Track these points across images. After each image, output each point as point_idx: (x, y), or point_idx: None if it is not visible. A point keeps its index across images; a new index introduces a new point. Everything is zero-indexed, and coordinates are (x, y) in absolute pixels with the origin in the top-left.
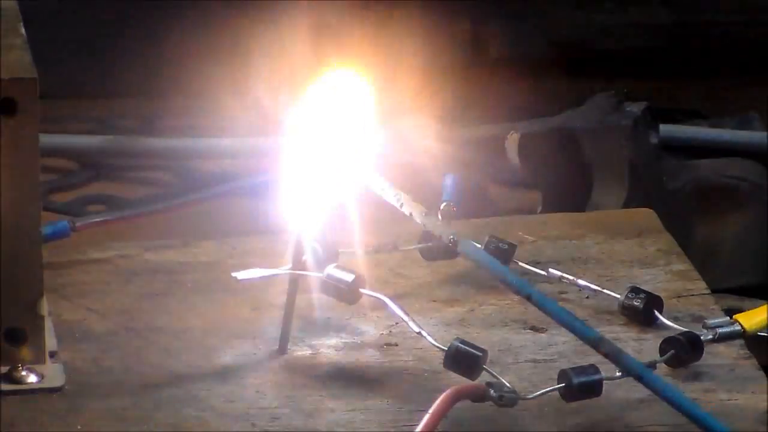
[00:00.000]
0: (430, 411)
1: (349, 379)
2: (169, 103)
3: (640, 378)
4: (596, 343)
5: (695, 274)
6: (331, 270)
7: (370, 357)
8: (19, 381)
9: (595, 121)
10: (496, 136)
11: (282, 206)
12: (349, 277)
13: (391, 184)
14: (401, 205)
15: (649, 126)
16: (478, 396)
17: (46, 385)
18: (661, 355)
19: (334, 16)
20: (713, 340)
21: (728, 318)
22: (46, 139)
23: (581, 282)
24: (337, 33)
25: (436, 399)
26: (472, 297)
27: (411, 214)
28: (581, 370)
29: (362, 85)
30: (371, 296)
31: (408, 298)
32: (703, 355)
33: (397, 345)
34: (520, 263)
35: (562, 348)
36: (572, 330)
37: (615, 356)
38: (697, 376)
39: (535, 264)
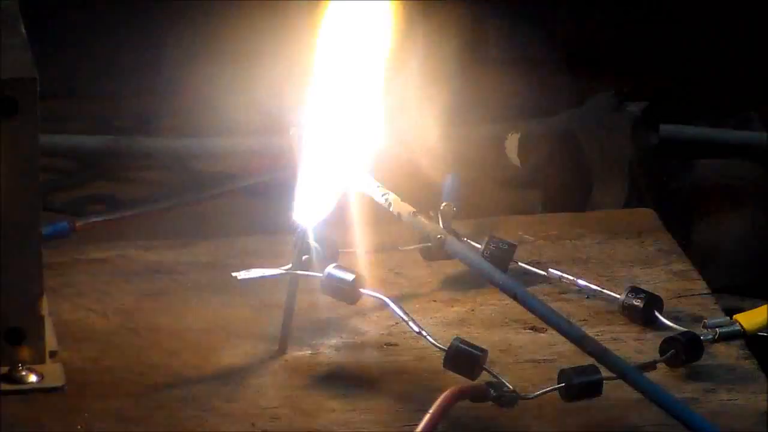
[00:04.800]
0: (430, 411)
1: (349, 379)
2: (169, 103)
3: (624, 377)
4: (581, 342)
5: (695, 274)
6: (331, 270)
7: (370, 357)
8: (19, 381)
9: (595, 121)
10: (496, 136)
11: (282, 206)
12: (349, 277)
13: (380, 184)
14: (389, 206)
15: (649, 126)
16: (478, 396)
17: (46, 385)
18: (661, 355)
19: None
20: (713, 340)
21: (728, 318)
22: (46, 139)
23: (581, 282)
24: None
25: (436, 399)
26: (472, 297)
27: (398, 215)
28: (581, 370)
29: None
30: (371, 296)
31: (408, 298)
32: (703, 355)
33: (397, 345)
34: (520, 263)
35: (562, 348)
36: (558, 329)
37: (600, 355)
38: (697, 376)
39: (535, 264)
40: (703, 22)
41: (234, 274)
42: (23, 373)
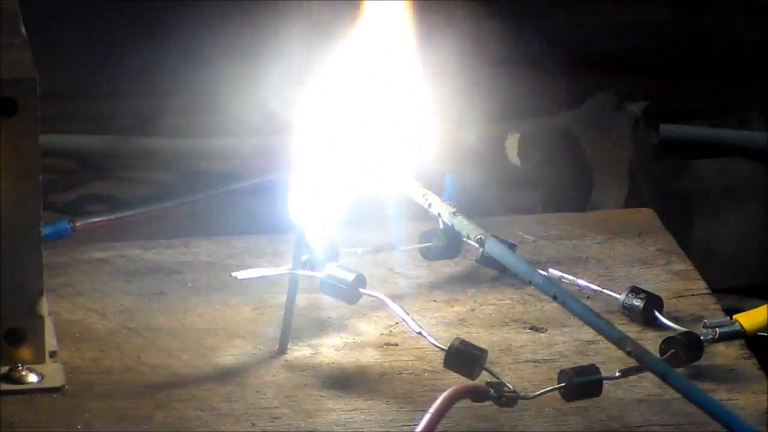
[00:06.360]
0: (430, 411)
1: (349, 379)
2: (169, 103)
3: (664, 377)
4: (620, 343)
5: (695, 274)
6: (331, 270)
7: (370, 357)
8: (19, 381)
9: (595, 121)
10: (496, 136)
11: (283, 206)
12: (349, 277)
13: (418, 183)
14: (429, 206)
15: (649, 126)
16: (478, 396)
17: (46, 385)
18: (661, 355)
19: (333, 16)
20: (713, 340)
21: (728, 318)
22: (46, 139)
23: (581, 282)
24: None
25: (436, 399)
26: (472, 297)
27: (439, 215)
28: (581, 370)
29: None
30: (371, 296)
31: (408, 298)
32: (703, 355)
33: (397, 345)
34: None
35: (562, 348)
36: (597, 329)
37: (640, 356)
38: (697, 376)
39: (535, 264)
40: (703, 21)
41: (234, 274)
42: (23, 373)
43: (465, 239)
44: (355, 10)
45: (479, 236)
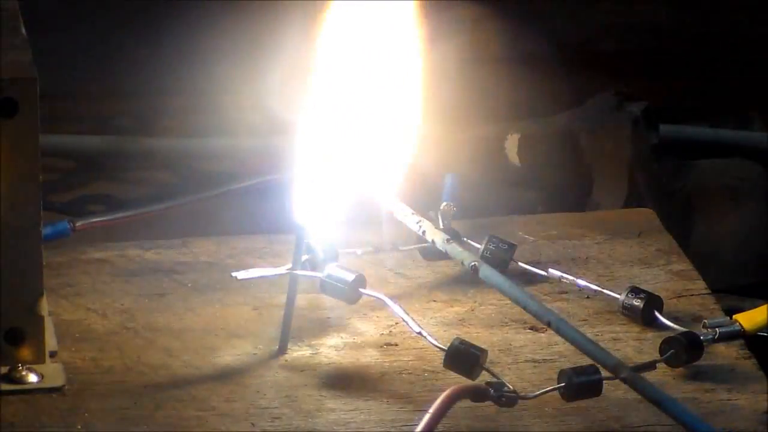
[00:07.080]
0: (430, 411)
1: (349, 379)
2: (169, 103)
3: (658, 404)
4: (616, 369)
5: (695, 274)
6: (331, 270)
7: (370, 357)
8: (19, 381)
9: (595, 121)
10: (496, 136)
11: (283, 206)
12: (349, 277)
13: (412, 209)
14: (423, 232)
15: (649, 126)
16: (478, 396)
17: (46, 385)
18: (661, 355)
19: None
20: (713, 340)
21: (728, 318)
22: (46, 139)
23: (581, 282)
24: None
25: (436, 399)
26: (472, 297)
27: (433, 242)
28: (581, 370)
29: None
30: (371, 296)
31: (408, 298)
32: (703, 355)
33: (397, 345)
34: (520, 263)
35: (562, 348)
36: (592, 356)
37: (634, 382)
38: (697, 376)
39: (535, 264)
40: (703, 21)
41: (234, 274)
42: (23, 373)
43: (465, 239)
44: (354, 10)
45: (473, 263)
